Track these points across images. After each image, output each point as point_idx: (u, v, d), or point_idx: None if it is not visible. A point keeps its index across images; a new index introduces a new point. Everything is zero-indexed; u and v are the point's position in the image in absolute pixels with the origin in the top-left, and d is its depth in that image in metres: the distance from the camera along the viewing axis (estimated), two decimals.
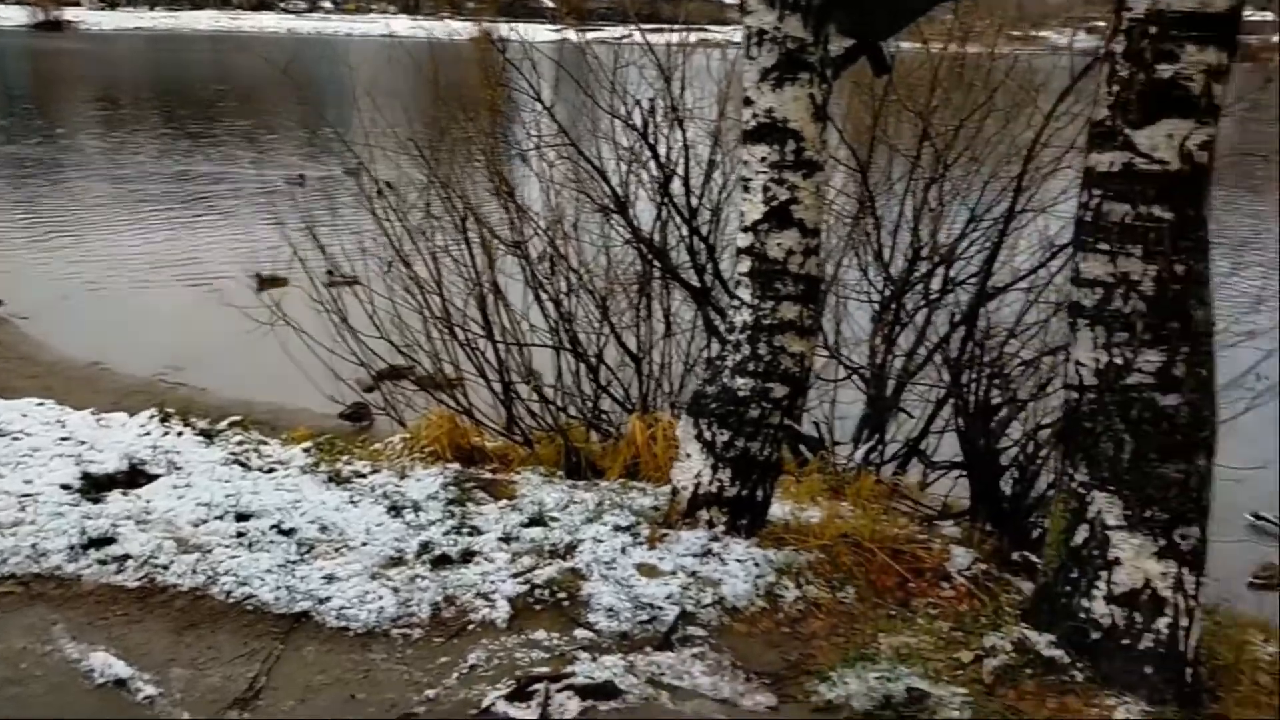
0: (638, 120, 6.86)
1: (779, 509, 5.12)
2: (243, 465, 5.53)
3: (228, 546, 4.48)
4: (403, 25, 12.81)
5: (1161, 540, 3.66)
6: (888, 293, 6.78)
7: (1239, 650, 4.25)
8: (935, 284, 6.89)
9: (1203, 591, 3.76)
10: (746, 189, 4.54)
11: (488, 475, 5.72)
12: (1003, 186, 6.68)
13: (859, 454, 6.26)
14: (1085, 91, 5.44)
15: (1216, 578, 5.42)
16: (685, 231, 6.94)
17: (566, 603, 4.17)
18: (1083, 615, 3.75)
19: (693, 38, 7.52)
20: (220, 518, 4.75)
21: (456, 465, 5.83)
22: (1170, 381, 3.63)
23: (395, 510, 4.90)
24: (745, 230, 4.57)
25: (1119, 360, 3.66)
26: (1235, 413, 4.75)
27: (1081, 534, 3.78)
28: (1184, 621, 3.67)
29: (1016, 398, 5.72)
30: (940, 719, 3.44)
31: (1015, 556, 4.97)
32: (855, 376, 6.92)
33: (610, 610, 4.10)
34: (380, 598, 4.13)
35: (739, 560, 4.44)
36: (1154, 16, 3.44)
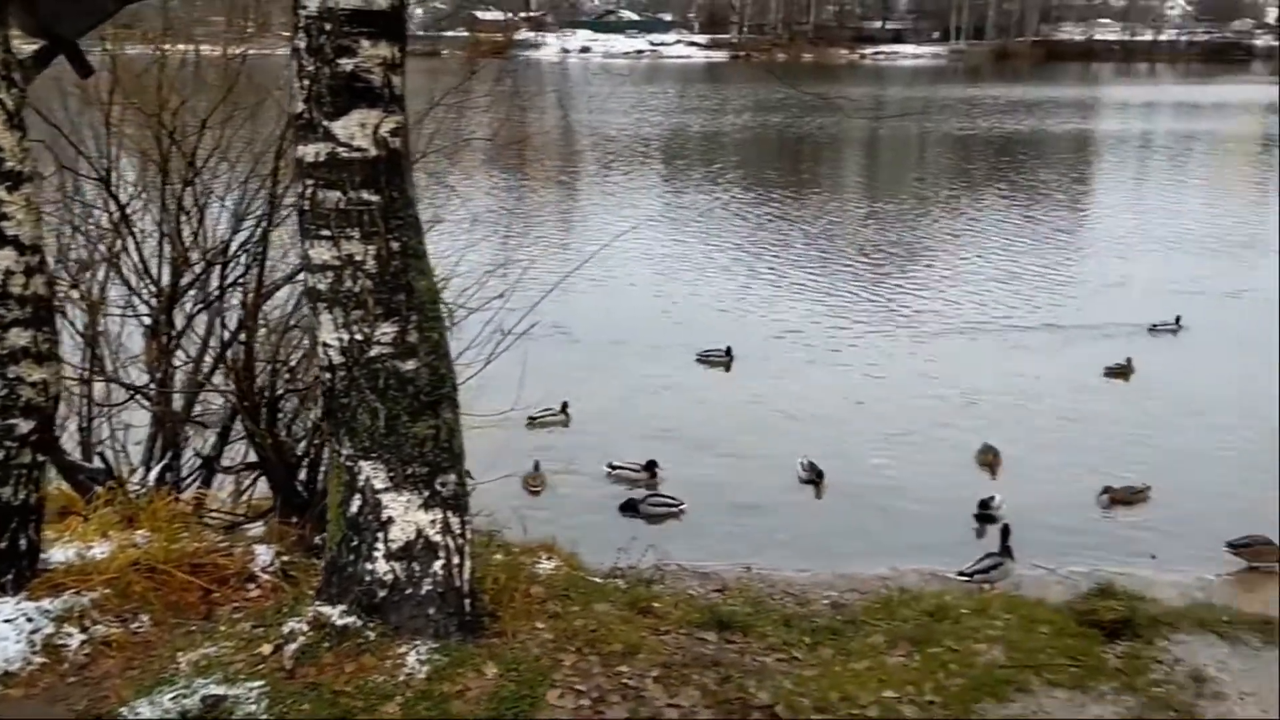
0: None
1: (61, 553, 4.69)
2: None
3: None
4: None
5: (425, 492, 4.01)
6: (157, 304, 6.49)
7: (515, 571, 4.84)
8: (213, 288, 6.76)
9: (469, 529, 4.19)
10: None
11: None
12: (260, 184, 6.75)
13: (152, 476, 5.95)
14: None
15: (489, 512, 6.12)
16: None
17: None
18: (368, 578, 3.98)
19: None
20: None
21: None
22: (407, 349, 3.96)
23: None
24: None
25: (359, 336, 3.91)
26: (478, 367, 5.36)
27: (356, 503, 4.00)
28: (456, 559, 4.07)
29: (300, 389, 5.86)
30: (239, 717, 3.44)
31: (317, 540, 5.11)
32: (139, 397, 6.55)
33: None
34: None
35: (8, 620, 3.98)
36: (326, 14, 3.68)
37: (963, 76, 74.10)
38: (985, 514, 9.91)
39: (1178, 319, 16.04)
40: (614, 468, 11.01)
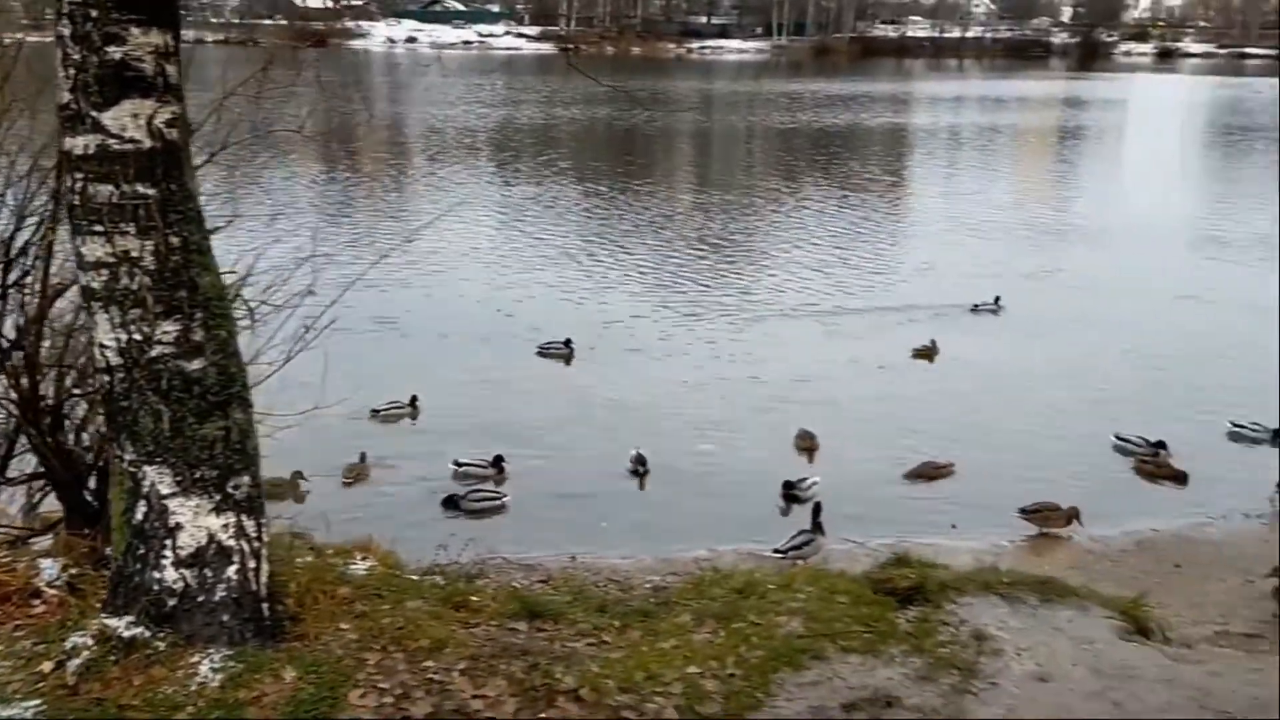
0: None
1: None
2: None
3: None
4: None
5: (216, 495, 3.89)
6: None
7: (322, 572, 4.75)
8: None
9: (266, 531, 4.08)
10: None
11: None
12: (43, 179, 6.37)
13: None
14: None
15: (282, 516, 5.98)
16: None
17: None
18: (156, 588, 3.84)
19: None
20: None
21: None
22: (192, 348, 3.83)
23: None
24: None
25: (139, 336, 3.76)
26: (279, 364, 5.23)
27: (141, 510, 3.85)
28: (252, 564, 3.96)
29: (87, 394, 5.56)
30: None
31: (108, 551, 4.87)
32: None
33: None
34: None
35: None
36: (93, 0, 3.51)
37: (785, 71, 76.32)
38: (791, 494, 10.29)
39: (997, 299, 16.98)
40: (460, 465, 10.84)
